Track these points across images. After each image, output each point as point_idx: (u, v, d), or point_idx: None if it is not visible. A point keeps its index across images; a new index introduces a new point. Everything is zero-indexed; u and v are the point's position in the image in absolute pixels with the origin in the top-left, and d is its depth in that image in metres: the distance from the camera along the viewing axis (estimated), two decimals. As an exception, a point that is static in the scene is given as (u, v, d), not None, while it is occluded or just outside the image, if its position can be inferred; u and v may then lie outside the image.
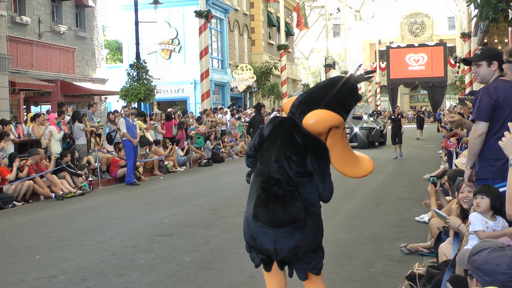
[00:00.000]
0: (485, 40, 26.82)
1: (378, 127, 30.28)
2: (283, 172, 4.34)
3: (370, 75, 5.03)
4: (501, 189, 5.07)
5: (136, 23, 25.27)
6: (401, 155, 23.07)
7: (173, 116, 24.75)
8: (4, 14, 20.17)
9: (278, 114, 33.94)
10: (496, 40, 26.30)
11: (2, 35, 19.73)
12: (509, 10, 12.01)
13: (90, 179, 17.27)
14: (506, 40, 23.57)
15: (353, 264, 7.52)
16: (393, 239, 8.93)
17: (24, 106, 25.12)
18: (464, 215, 5.77)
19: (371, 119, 32.26)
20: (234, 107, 35.53)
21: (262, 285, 6.76)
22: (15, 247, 9.50)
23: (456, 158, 11.12)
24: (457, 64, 58.19)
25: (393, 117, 23.82)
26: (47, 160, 16.36)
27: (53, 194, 15.37)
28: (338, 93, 4.49)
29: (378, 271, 7.19)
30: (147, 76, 25.35)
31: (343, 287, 6.65)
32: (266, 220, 4.33)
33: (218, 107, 31.62)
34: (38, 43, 25.81)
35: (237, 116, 30.24)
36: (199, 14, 29.71)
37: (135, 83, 24.79)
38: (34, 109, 26.44)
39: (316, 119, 4.34)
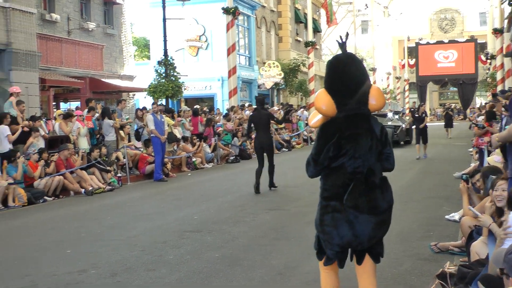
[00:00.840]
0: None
1: (403, 125, 29.56)
2: (370, 163, 4.60)
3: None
4: None
5: (164, 20, 25.33)
6: (424, 156, 22.07)
7: (200, 113, 24.88)
8: (34, 12, 20.35)
9: (305, 112, 33.97)
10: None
11: (32, 32, 19.93)
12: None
13: (119, 175, 17.44)
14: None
15: (382, 262, 7.32)
16: (423, 237, 8.85)
17: (54, 103, 25.36)
18: (499, 213, 5.71)
19: (396, 116, 31.43)
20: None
21: (290, 282, 6.83)
22: (47, 241, 9.64)
23: (488, 156, 11.03)
24: (488, 61, 57.36)
25: (416, 115, 23.16)
26: (77, 156, 16.54)
27: (83, 190, 15.54)
28: (364, 68, 4.76)
29: (407, 269, 7.15)
30: (175, 73, 25.40)
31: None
32: (368, 209, 4.54)
33: (246, 104, 31.69)
34: (67, 40, 26.03)
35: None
36: (226, 11, 29.66)
37: (163, 80, 24.85)
38: (63, 106, 26.72)
39: (376, 97, 4.66)
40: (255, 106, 16.34)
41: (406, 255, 7.79)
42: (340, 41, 4.79)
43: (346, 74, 4.61)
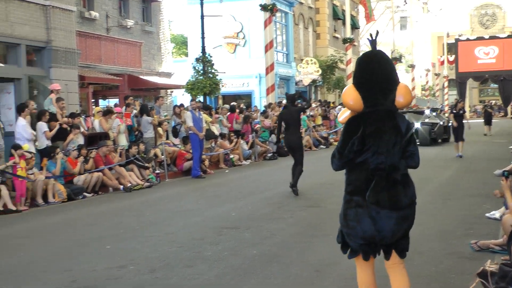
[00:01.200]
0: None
1: (441, 123, 28.71)
2: (393, 160, 4.64)
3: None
4: None
5: (202, 17, 25.43)
6: (458, 155, 21.14)
7: (237, 110, 24.93)
8: (73, 10, 20.54)
9: (342, 108, 33.83)
10: None
11: (71, 30, 20.12)
12: None
13: (157, 171, 17.60)
14: None
15: (421, 260, 7.39)
16: (462, 235, 8.72)
17: (93, 100, 25.59)
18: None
19: (434, 113, 30.81)
20: (299, 100, 35.47)
21: (327, 280, 6.82)
22: (86, 237, 9.75)
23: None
24: (531, 57, 56.41)
25: (454, 111, 22.32)
26: (115, 152, 16.70)
27: (122, 186, 15.64)
28: (392, 65, 4.80)
29: (447, 267, 7.08)
30: (213, 70, 25.49)
31: (411, 283, 6.54)
32: (389, 204, 4.59)
33: (283, 101, 31.63)
34: (106, 38, 26.23)
35: (301, 110, 29.84)
36: (264, 7, 29.67)
37: (201, 77, 24.95)
38: (102, 103, 26.95)
39: (404, 94, 4.71)
40: (285, 103, 15.93)
41: (446, 253, 7.70)
42: (371, 39, 4.89)
43: (374, 70, 4.70)
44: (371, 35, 4.92)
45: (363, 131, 4.64)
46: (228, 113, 24.21)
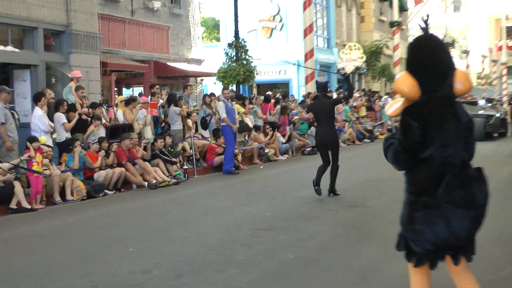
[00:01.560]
0: None
1: (498, 115, 28.12)
2: (460, 153, 4.57)
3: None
4: None
5: (235, -2, 25.46)
6: None
7: (272, 100, 24.82)
8: (95, -9, 20.68)
9: (389, 98, 33.50)
10: None
11: (93, 12, 20.17)
12: None
13: (185, 167, 17.62)
14: None
15: (480, 266, 7.03)
16: (526, 239, 8.67)
17: (116, 88, 25.64)
18: None
19: (489, 104, 30.05)
20: (341, 90, 35.26)
21: (373, 287, 6.70)
22: (108, 238, 9.78)
23: None
24: None
25: None
26: (140, 146, 16.69)
27: (146, 183, 15.70)
28: (448, 50, 4.75)
29: (508, 275, 6.98)
30: (247, 56, 25.41)
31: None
32: (465, 203, 4.50)
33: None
34: (131, 21, 26.20)
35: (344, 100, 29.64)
36: (303, -13, 29.60)
37: (234, 64, 24.87)
38: (126, 92, 27.03)
39: (463, 81, 4.65)
40: (316, 94, 15.10)
41: (507, 259, 7.60)
42: (422, 25, 4.85)
43: (429, 55, 4.67)
44: (422, 19, 4.87)
45: (423, 120, 4.56)
46: (263, 103, 24.26)
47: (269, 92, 28.24)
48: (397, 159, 4.68)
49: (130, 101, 18.03)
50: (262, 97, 25.02)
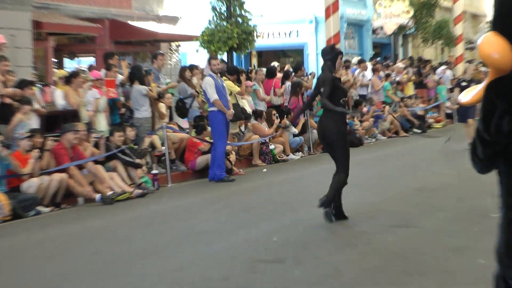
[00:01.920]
0: None
1: None
2: None
3: None
4: None
5: None
6: None
7: (278, 74, 24.67)
8: None
9: (448, 71, 33.39)
10: None
11: (21, -50, 20.15)
12: None
13: (154, 171, 17.50)
14: None
15: None
16: None
17: (55, 60, 25.50)
18: None
19: None
20: (378, 58, 35.15)
21: None
22: (44, 275, 9.69)
23: None
24: None
25: None
26: (90, 143, 16.58)
27: (98, 195, 15.47)
28: None
29: None
30: (243, 12, 25.42)
31: None
32: None
33: (353, 59, 31.35)
34: (76, -37, 26.26)
35: (382, 73, 29.94)
36: None
37: (224, 23, 24.88)
38: (70, 64, 26.89)
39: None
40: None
41: None
42: None
43: None
44: None
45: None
46: (266, 79, 24.12)
47: (275, 63, 27.88)
48: (475, 157, 4.50)
49: (74, 77, 17.79)
50: (265, 70, 24.89)
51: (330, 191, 12.38)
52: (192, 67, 21.68)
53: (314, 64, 34.73)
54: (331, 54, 12.85)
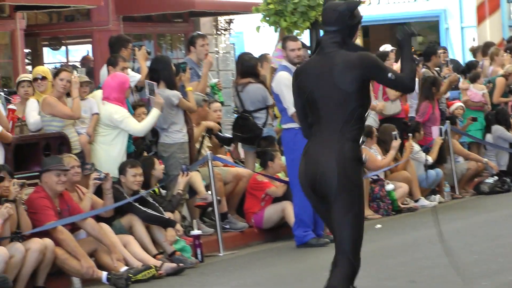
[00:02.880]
0: None
1: None
2: None
3: None
4: None
5: None
6: None
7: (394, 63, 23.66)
8: None
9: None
10: None
11: None
12: None
13: (195, 232, 16.89)
14: None
15: None
16: None
17: (27, 50, 25.71)
18: None
19: None
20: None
21: None
22: None
23: None
24: None
25: None
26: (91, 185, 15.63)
27: (105, 274, 14.81)
28: None
29: None
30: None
31: None
32: None
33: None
34: None
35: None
36: None
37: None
38: (51, 56, 27.10)
39: None
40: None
41: None
42: None
43: None
44: None
45: None
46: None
47: (387, 46, 27.35)
48: None
49: (57, 74, 17.06)
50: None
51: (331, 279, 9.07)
52: (261, 58, 20.59)
53: (458, 44, 34.40)
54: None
